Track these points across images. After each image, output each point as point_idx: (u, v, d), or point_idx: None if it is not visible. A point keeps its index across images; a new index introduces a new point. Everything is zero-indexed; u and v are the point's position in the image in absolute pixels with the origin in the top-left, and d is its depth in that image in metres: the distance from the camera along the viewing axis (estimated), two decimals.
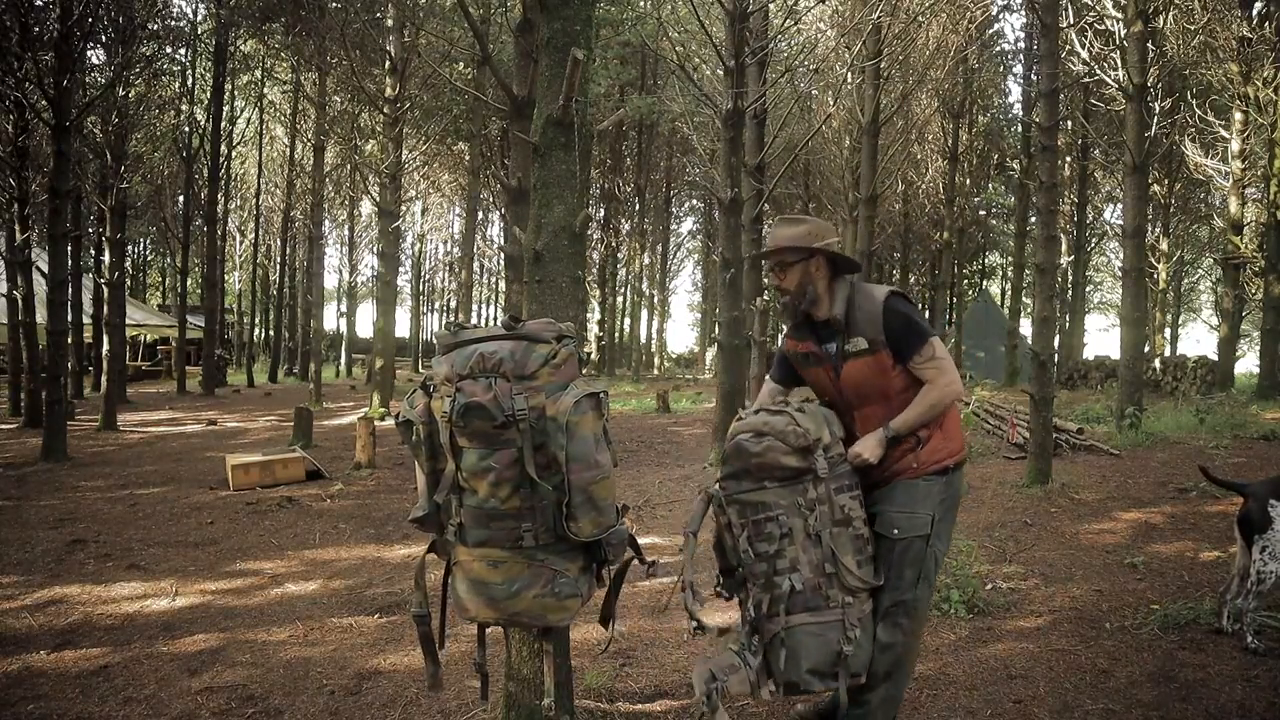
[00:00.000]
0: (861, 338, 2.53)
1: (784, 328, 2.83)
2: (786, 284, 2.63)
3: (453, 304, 39.26)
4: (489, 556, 2.21)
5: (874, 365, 2.53)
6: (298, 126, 23.04)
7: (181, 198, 21.75)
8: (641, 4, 22.90)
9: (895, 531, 2.50)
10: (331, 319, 38.03)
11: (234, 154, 24.96)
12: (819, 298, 2.61)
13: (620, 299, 32.07)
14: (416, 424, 2.26)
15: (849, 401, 2.61)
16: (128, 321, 19.46)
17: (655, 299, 35.23)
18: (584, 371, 2.36)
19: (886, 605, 2.50)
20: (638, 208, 29.07)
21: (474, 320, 34.07)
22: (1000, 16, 24.18)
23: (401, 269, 32.18)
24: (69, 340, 13.21)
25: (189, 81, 21.53)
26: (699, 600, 2.47)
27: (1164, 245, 21.24)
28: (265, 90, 26.11)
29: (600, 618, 2.54)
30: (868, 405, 2.58)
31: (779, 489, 2.38)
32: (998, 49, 26.33)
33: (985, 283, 36.12)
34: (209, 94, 20.81)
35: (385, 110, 14.56)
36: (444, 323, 2.97)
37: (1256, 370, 15.89)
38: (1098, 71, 11.29)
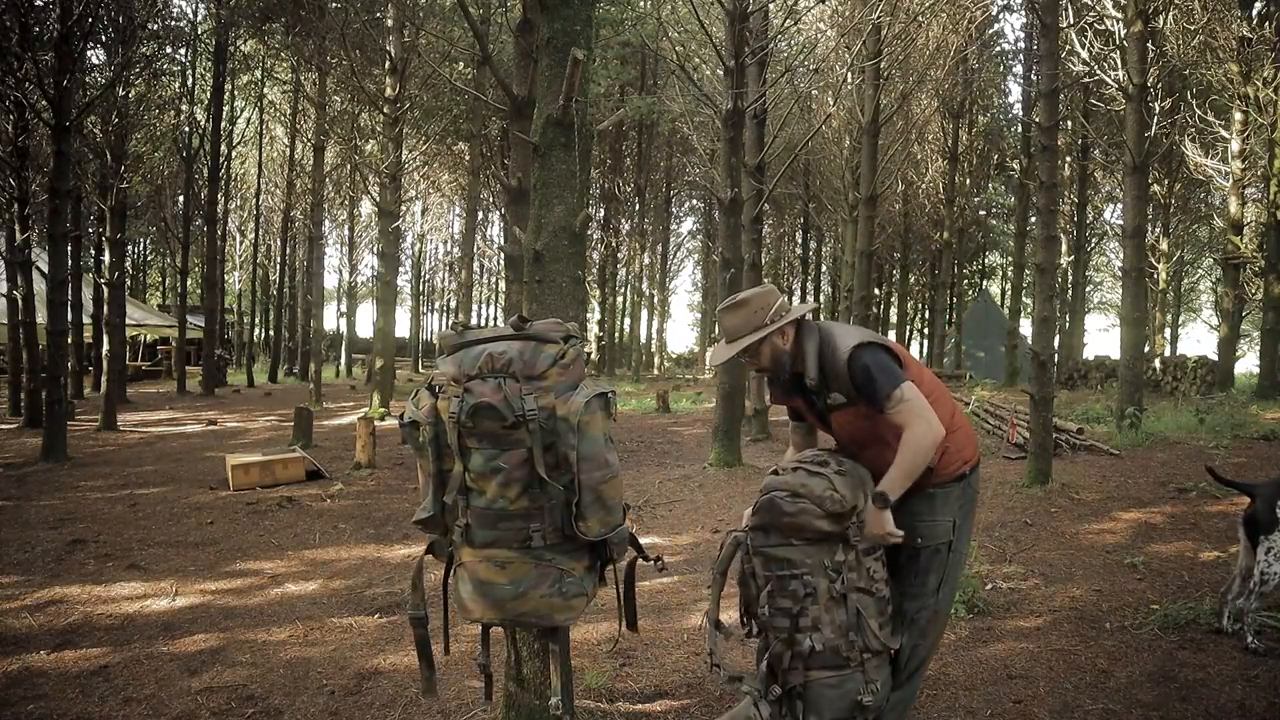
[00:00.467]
0: (838, 393, 2.50)
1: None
2: (763, 364, 2.58)
3: (453, 304, 39.24)
4: (495, 557, 2.21)
5: (858, 415, 2.51)
6: (298, 126, 23.03)
7: (181, 198, 21.74)
8: (641, 4, 22.90)
9: (919, 540, 2.50)
10: (331, 319, 38.05)
11: (234, 154, 24.96)
12: (796, 358, 2.57)
13: (620, 299, 32.06)
14: (423, 425, 2.25)
15: (848, 447, 2.63)
16: (128, 321, 19.46)
17: (655, 299, 35.22)
18: (585, 372, 2.36)
19: (911, 612, 2.52)
20: (638, 208, 29.05)
21: (474, 320, 34.10)
22: (1000, 16, 24.20)
23: (401, 269, 32.19)
24: (69, 340, 13.20)
25: (189, 81, 21.52)
26: (725, 636, 2.48)
27: (1164, 245, 21.23)
28: (265, 90, 26.10)
29: (626, 622, 2.55)
30: (867, 450, 2.57)
31: (806, 547, 2.38)
32: (998, 49, 26.34)
33: (985, 283, 36.12)
34: (209, 94, 20.80)
35: (385, 110, 14.55)
36: (445, 323, 2.97)
37: (1256, 370, 15.89)
38: (1098, 71, 11.29)
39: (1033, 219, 18.33)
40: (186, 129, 20.66)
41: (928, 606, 2.53)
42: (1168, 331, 30.99)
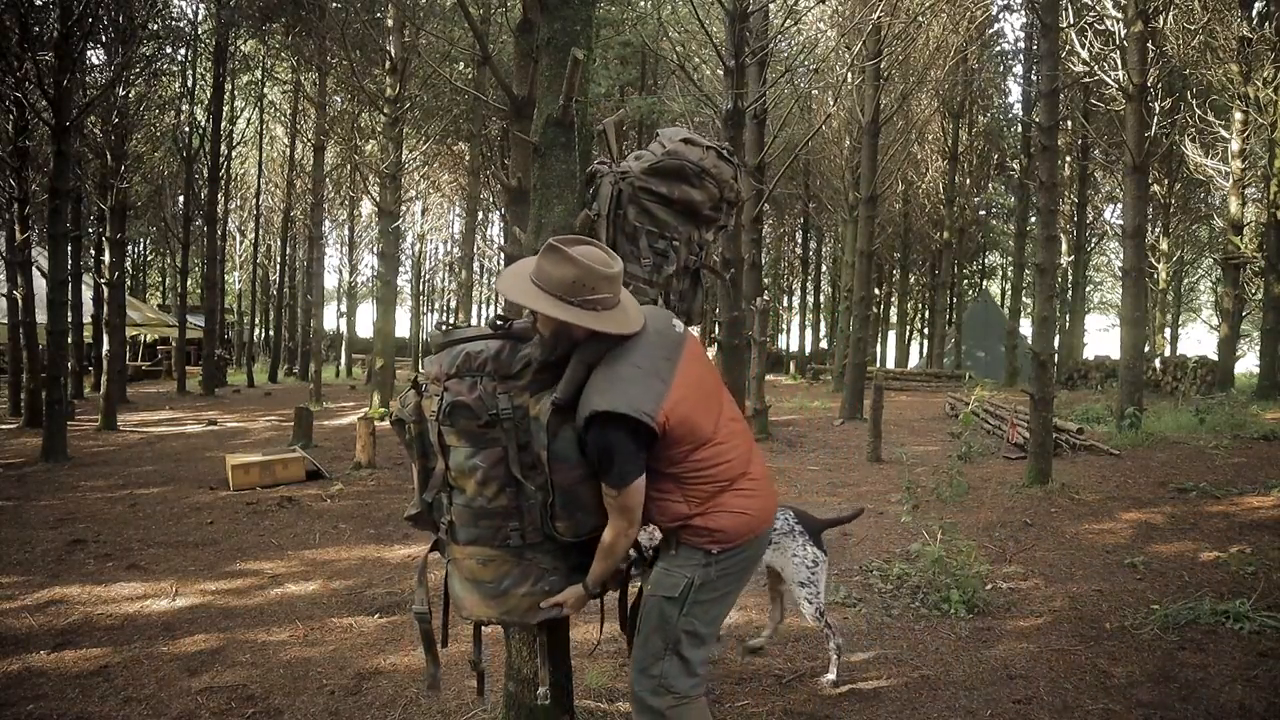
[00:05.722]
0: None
1: (782, 328, 2.72)
2: (543, 334, 2.21)
3: (453, 304, 39.25)
4: (479, 554, 2.21)
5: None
6: (298, 126, 23.03)
7: (181, 198, 21.73)
8: (641, 4, 22.90)
9: (649, 587, 2.29)
10: (331, 319, 38.04)
11: (234, 154, 24.92)
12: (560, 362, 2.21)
13: None
14: (408, 422, 2.28)
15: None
16: (127, 321, 19.45)
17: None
18: None
19: (642, 662, 2.25)
20: None
21: (473, 320, 34.09)
22: (1000, 16, 24.20)
23: (401, 269, 32.16)
24: (69, 340, 13.20)
25: (189, 81, 21.52)
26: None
27: (1164, 245, 21.24)
28: (265, 90, 26.09)
29: (622, 623, 2.54)
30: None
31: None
32: (998, 49, 26.35)
33: (985, 283, 36.10)
34: (209, 94, 20.78)
35: (385, 110, 14.55)
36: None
37: (1256, 370, 15.89)
38: (1098, 71, 11.30)
39: (1033, 219, 18.34)
40: (186, 129, 20.65)
41: (650, 676, 2.20)
42: (1168, 331, 30.98)
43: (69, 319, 12.42)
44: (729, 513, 2.18)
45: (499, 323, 2.29)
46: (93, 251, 20.08)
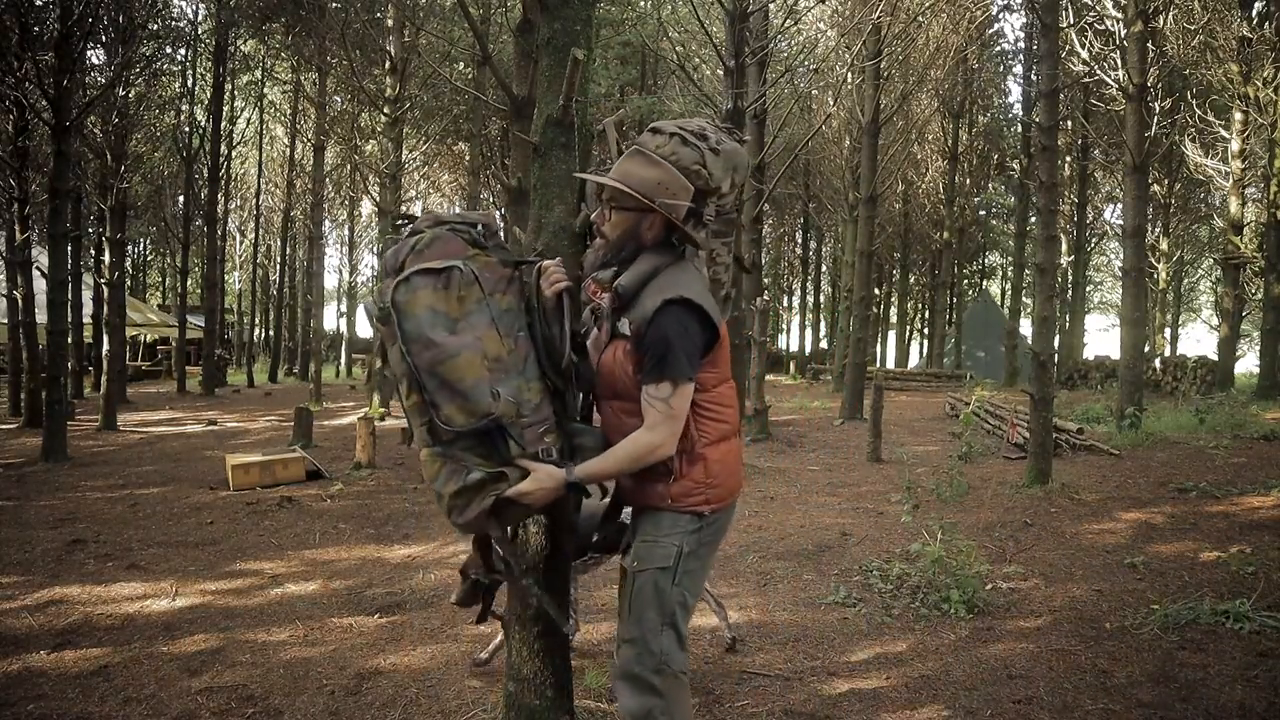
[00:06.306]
0: (630, 322, 2.13)
1: (782, 328, 2.68)
2: (607, 233, 2.23)
3: None
4: (424, 455, 2.14)
5: (625, 356, 2.16)
6: (298, 126, 23.04)
7: (181, 198, 21.73)
8: (641, 4, 22.90)
9: (634, 563, 2.20)
10: (331, 319, 38.06)
11: (234, 154, 24.93)
12: (633, 258, 2.20)
13: None
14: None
15: (599, 391, 2.30)
16: (127, 321, 19.46)
17: None
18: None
19: (630, 664, 2.17)
20: None
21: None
22: (1000, 16, 24.21)
23: None
24: (69, 340, 13.19)
25: (189, 81, 21.52)
26: None
27: (1164, 245, 21.25)
28: (265, 90, 26.10)
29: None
30: (610, 403, 2.26)
31: None
32: (998, 49, 26.36)
33: (985, 283, 36.12)
34: (209, 94, 20.79)
35: (385, 110, 14.55)
36: None
37: (1256, 370, 15.90)
38: (1098, 71, 11.30)
39: (1033, 219, 18.34)
40: (186, 129, 20.65)
41: (651, 653, 2.13)
42: (1168, 331, 30.99)
43: (69, 319, 12.42)
44: (725, 465, 2.21)
45: (404, 219, 2.28)
46: (93, 251, 20.09)
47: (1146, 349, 17.26)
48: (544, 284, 2.21)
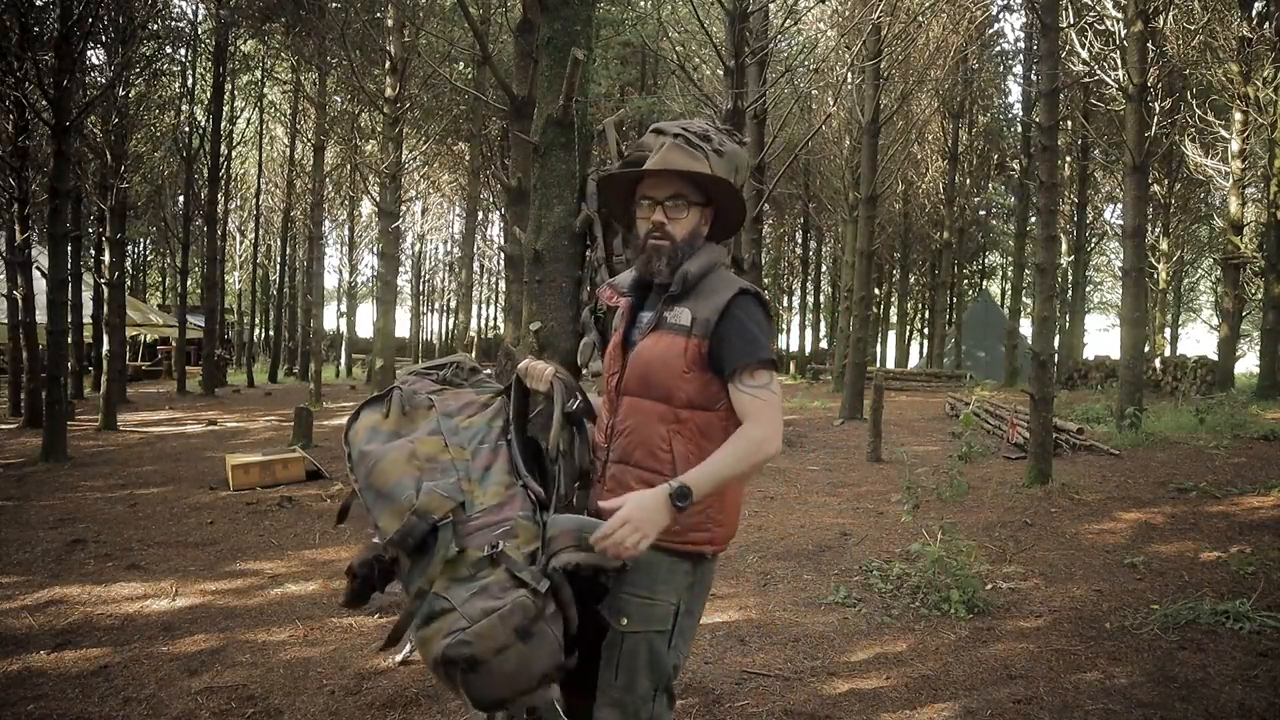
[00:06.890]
0: (690, 313, 1.89)
1: (782, 328, 2.51)
2: (670, 228, 1.94)
3: (453, 304, 39.28)
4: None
5: (673, 351, 1.87)
6: (298, 126, 23.04)
7: (181, 198, 21.74)
8: (641, 4, 22.90)
9: (624, 621, 1.87)
10: (331, 319, 38.05)
11: (234, 154, 24.94)
12: (688, 249, 1.97)
13: None
14: None
15: (624, 394, 1.97)
16: (128, 321, 19.46)
17: None
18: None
19: None
20: None
21: (473, 322, 34.16)
22: (1000, 16, 24.21)
23: (401, 269, 32.17)
24: (69, 340, 13.20)
25: (189, 81, 21.52)
26: None
27: (1164, 245, 21.24)
28: (265, 90, 26.11)
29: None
30: (642, 404, 1.92)
31: None
32: (998, 49, 26.37)
33: (985, 283, 36.12)
34: (209, 94, 20.79)
35: (385, 110, 14.56)
36: (445, 323, 2.98)
37: (1256, 370, 15.90)
38: (1098, 71, 11.30)
39: (1033, 219, 18.33)
40: (186, 129, 20.65)
41: None
42: (1168, 331, 30.99)
43: (69, 319, 12.43)
44: (734, 502, 1.98)
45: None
46: (93, 251, 20.09)
47: (1146, 349, 17.26)
48: (530, 382, 2.04)
